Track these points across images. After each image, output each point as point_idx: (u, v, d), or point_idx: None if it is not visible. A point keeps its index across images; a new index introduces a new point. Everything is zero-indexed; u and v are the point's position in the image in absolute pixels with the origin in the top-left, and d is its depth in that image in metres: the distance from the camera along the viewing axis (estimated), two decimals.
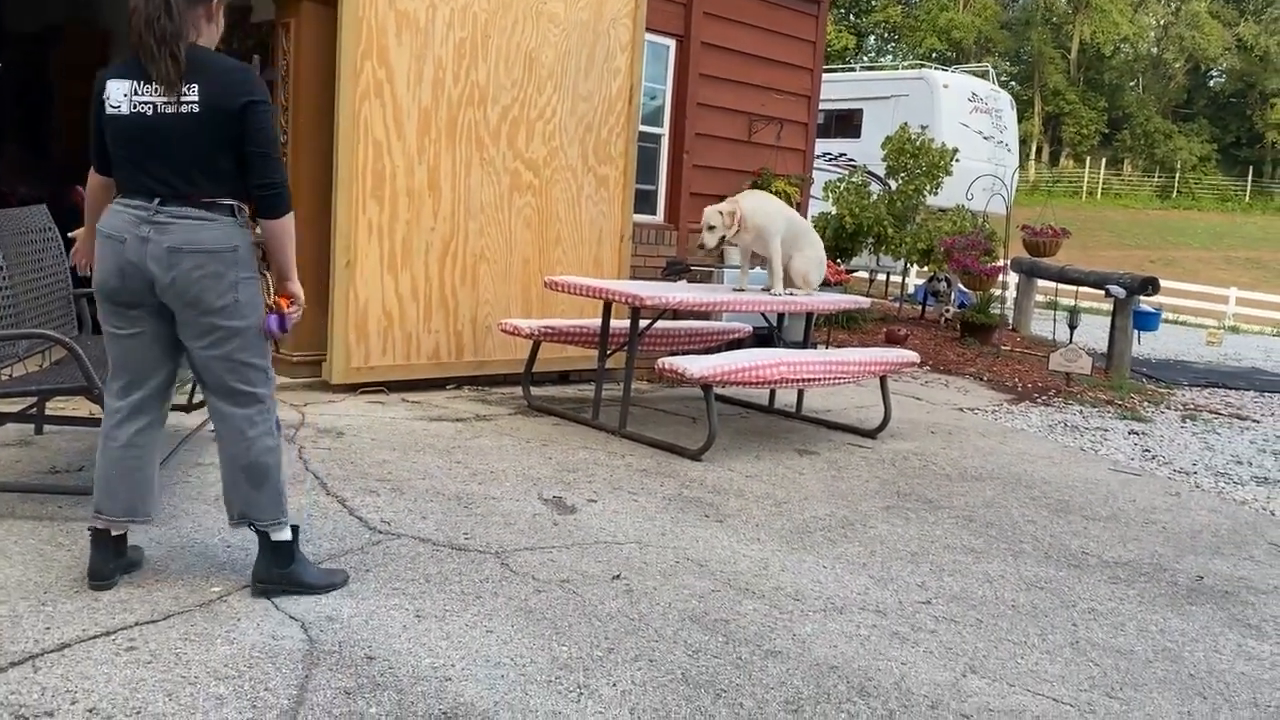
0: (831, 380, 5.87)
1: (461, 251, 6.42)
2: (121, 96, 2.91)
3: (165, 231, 2.91)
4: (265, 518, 3.12)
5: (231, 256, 2.97)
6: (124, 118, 2.92)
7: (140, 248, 2.91)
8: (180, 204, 2.92)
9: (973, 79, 17.60)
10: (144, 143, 2.92)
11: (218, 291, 2.95)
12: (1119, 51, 47.21)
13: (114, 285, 2.98)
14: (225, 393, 3.07)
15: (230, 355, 3.03)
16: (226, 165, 2.95)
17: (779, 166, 8.72)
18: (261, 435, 3.10)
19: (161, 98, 2.87)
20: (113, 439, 3.09)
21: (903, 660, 3.15)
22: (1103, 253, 29.77)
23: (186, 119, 2.88)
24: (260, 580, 3.15)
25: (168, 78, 2.85)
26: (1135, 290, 10.12)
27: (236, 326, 3.01)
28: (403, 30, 5.94)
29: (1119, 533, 4.78)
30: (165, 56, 2.85)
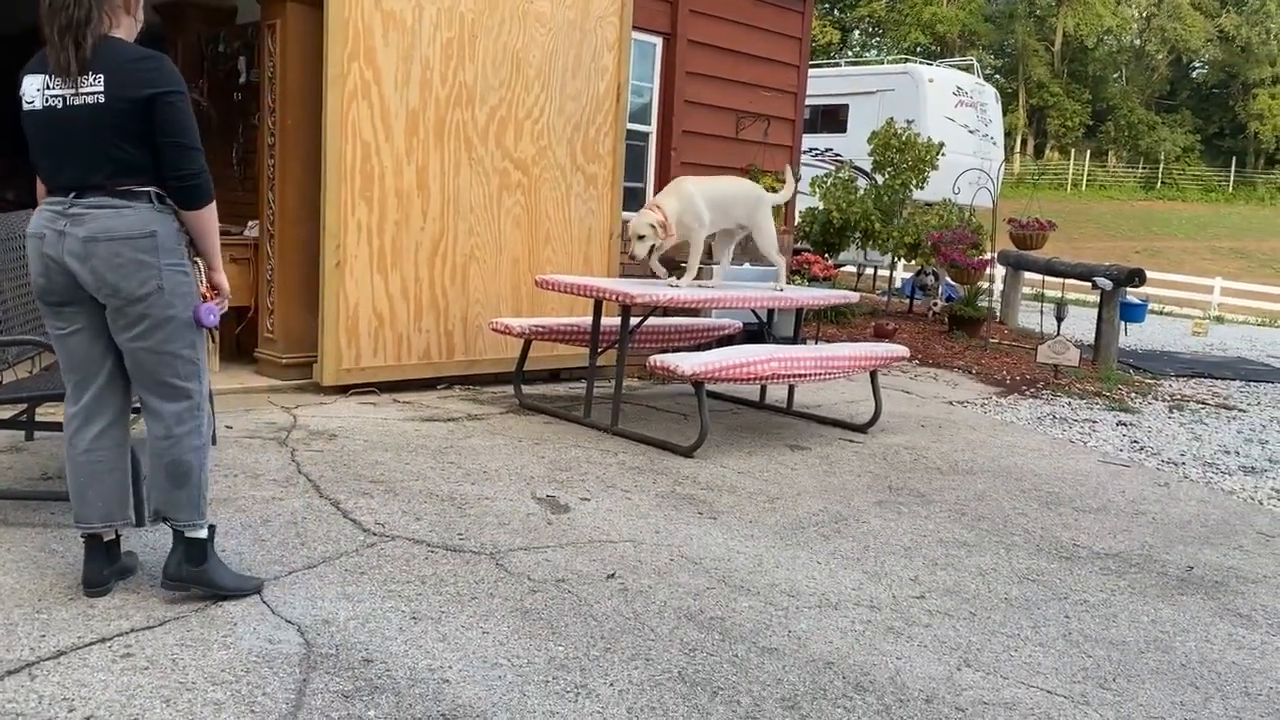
0: (822, 375, 5.89)
1: (451, 251, 6.42)
2: (35, 92, 2.87)
3: (80, 223, 2.85)
4: (182, 517, 3.06)
5: (149, 243, 2.89)
6: (38, 113, 2.88)
7: (58, 242, 2.87)
8: (97, 194, 2.86)
9: (957, 73, 17.65)
10: (57, 136, 2.87)
11: (139, 279, 2.88)
12: (1102, 43, 47.39)
13: (42, 284, 2.94)
14: (154, 386, 3.01)
15: (158, 347, 2.96)
16: (139, 155, 2.88)
17: (766, 163, 8.73)
18: (188, 434, 3.04)
19: (69, 90, 2.82)
20: (74, 446, 3.06)
21: (898, 655, 3.17)
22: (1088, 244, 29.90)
23: (93, 110, 2.82)
24: (170, 578, 3.09)
25: (68, 68, 2.80)
26: (1121, 282, 10.17)
27: (162, 316, 2.94)
28: (389, 31, 5.92)
29: (1109, 524, 4.81)
30: (69, 45, 2.80)
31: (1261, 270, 30.14)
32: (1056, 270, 11.36)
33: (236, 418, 5.32)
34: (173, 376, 3.00)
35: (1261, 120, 43.65)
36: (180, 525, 3.06)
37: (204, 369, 3.11)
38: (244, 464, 4.54)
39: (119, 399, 3.10)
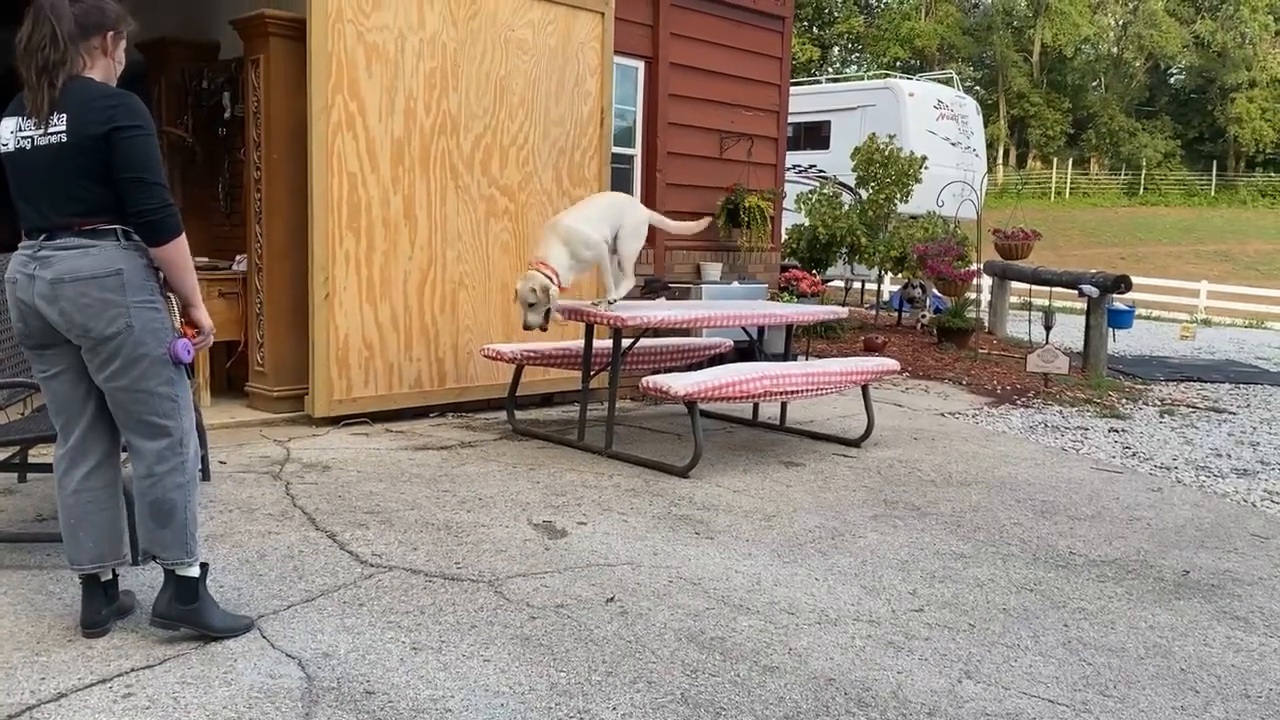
0: (814, 391, 5.91)
1: (440, 279, 6.43)
2: (9, 134, 2.90)
3: (48, 265, 2.85)
4: (169, 556, 3.04)
5: (115, 281, 2.87)
6: (11, 155, 2.90)
7: (29, 286, 2.88)
8: (65, 235, 2.86)
9: (938, 86, 17.80)
10: (27, 178, 2.89)
11: (107, 319, 2.87)
12: (1080, 52, 47.80)
13: (20, 329, 2.96)
14: (135, 426, 2.99)
15: (133, 385, 2.94)
16: (104, 193, 2.86)
17: (751, 181, 8.79)
18: (170, 472, 3.02)
19: (37, 131, 2.84)
20: (63, 487, 3.05)
21: (898, 669, 3.18)
22: (1074, 252, 30.07)
23: (56, 149, 2.83)
24: (159, 615, 3.06)
25: (41, 109, 2.82)
26: (1108, 289, 10.23)
27: (134, 354, 2.92)
28: (372, 63, 5.96)
29: (1104, 531, 4.83)
30: (44, 86, 2.82)
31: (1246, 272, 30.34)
32: (1043, 279, 11.42)
33: (230, 452, 5.32)
34: (151, 415, 2.98)
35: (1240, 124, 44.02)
36: (169, 564, 3.05)
37: (185, 406, 3.08)
38: (239, 499, 4.53)
39: (106, 439, 3.09)
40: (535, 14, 6.76)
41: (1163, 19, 45.34)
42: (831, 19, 47.32)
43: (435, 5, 6.22)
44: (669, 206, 8.29)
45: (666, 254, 8.32)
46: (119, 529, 3.12)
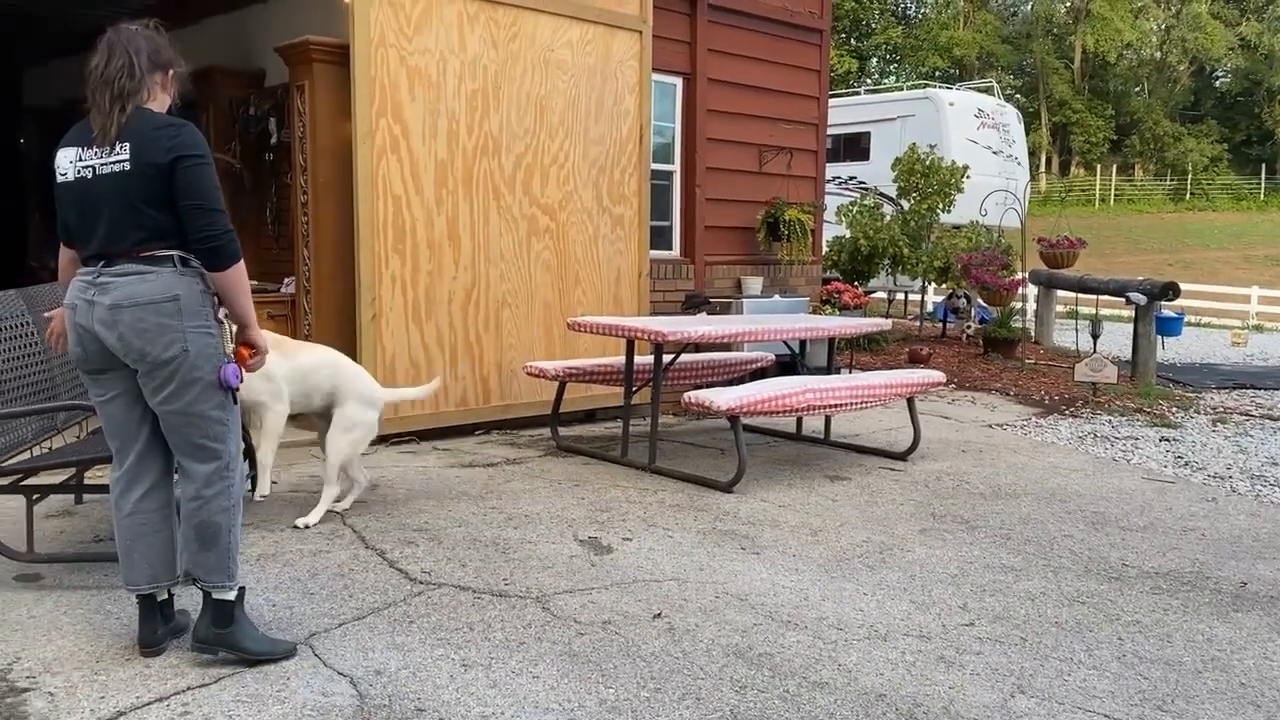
0: (858, 404, 5.89)
1: (484, 299, 6.49)
2: (68, 164, 2.98)
3: (106, 291, 2.92)
4: (211, 579, 3.07)
5: (172, 306, 2.94)
6: (71, 184, 2.98)
7: (89, 311, 2.94)
8: (123, 262, 2.93)
9: (978, 95, 17.67)
10: (88, 205, 2.95)
11: (163, 343, 2.93)
12: (1122, 58, 47.24)
13: (78, 353, 3.02)
14: (187, 448, 3.05)
15: (186, 409, 3.00)
16: (164, 219, 2.93)
17: (791, 195, 8.77)
18: (218, 495, 3.07)
19: (99, 160, 2.92)
20: (119, 509, 3.11)
21: (950, 684, 3.15)
22: (1120, 259, 29.65)
23: (119, 177, 2.90)
24: (199, 640, 3.10)
25: (109, 136, 2.90)
26: (1156, 296, 10.08)
27: (189, 378, 2.97)
28: (415, 86, 6.04)
29: (1158, 542, 4.75)
30: (114, 113, 2.91)
31: None
32: (1089, 287, 11.28)
33: (280, 472, 5.38)
34: (202, 438, 3.04)
35: None
36: (208, 586, 3.08)
37: (235, 429, 3.14)
38: (288, 519, 4.59)
39: (160, 462, 3.15)
40: (574, 34, 6.82)
41: (1207, 22, 44.68)
42: (869, 30, 47.15)
43: (476, 28, 6.30)
44: (709, 222, 8.32)
45: (706, 269, 8.33)
46: (173, 550, 3.18)
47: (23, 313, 4.04)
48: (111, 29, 3.04)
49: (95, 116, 2.94)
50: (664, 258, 8.00)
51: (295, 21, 6.65)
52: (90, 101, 2.96)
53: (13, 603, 3.52)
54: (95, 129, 2.93)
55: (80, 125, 3.03)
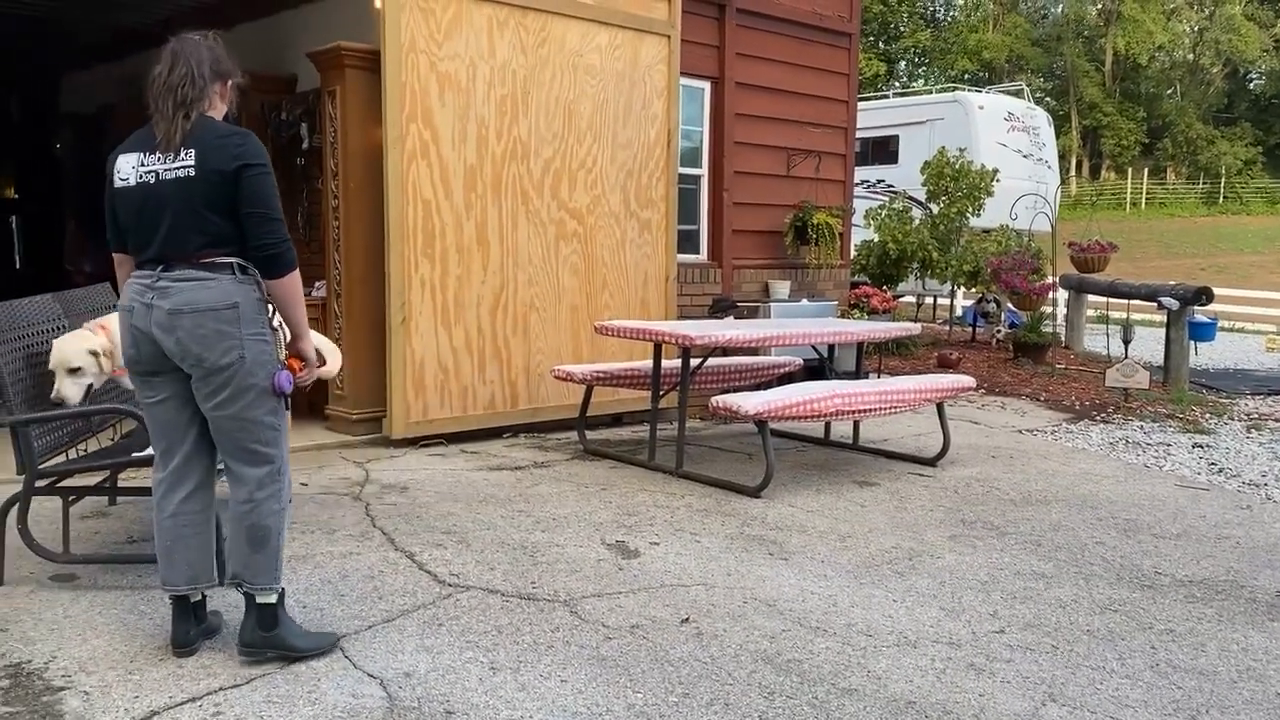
0: (887, 410, 5.86)
1: (512, 302, 6.52)
2: (130, 169, 3.02)
3: (166, 295, 2.97)
4: (258, 582, 3.10)
5: (232, 314, 2.99)
6: (131, 189, 3.02)
7: (146, 315, 2.99)
8: (182, 267, 2.98)
9: (1008, 98, 17.55)
10: (148, 210, 2.99)
11: (221, 349, 2.98)
12: (1154, 60, 46.78)
13: (131, 355, 3.06)
14: (238, 452, 3.09)
15: (240, 414, 3.04)
16: (225, 226, 2.99)
17: (819, 198, 8.75)
18: (268, 499, 3.11)
19: (162, 165, 2.97)
20: (162, 509, 3.15)
21: (980, 692, 3.13)
22: (1151, 263, 29.34)
23: (184, 183, 2.95)
24: (246, 644, 3.12)
25: (173, 142, 2.96)
26: (1188, 301, 9.97)
27: (244, 384, 3.02)
28: (445, 91, 6.08)
29: (1191, 550, 4.70)
30: (177, 119, 2.97)
31: None
32: (1120, 292, 11.18)
33: (311, 474, 5.43)
34: (254, 443, 3.08)
35: None
36: (255, 589, 3.11)
37: (285, 434, 3.18)
38: (320, 520, 4.62)
39: (205, 464, 3.19)
40: (603, 39, 6.84)
41: (1241, 23, 44.17)
42: (898, 33, 46.96)
43: (505, 33, 6.33)
44: (736, 226, 8.31)
45: (734, 272, 8.32)
46: (212, 552, 3.21)
47: (59, 316, 4.09)
48: (175, 39, 3.10)
49: (159, 123, 2.99)
50: (691, 261, 7.99)
51: (327, 27, 6.70)
52: (153, 109, 3.02)
53: (49, 602, 3.56)
54: (159, 135, 2.98)
55: (140, 132, 3.09)
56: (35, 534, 3.78)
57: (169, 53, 3.06)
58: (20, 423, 3.57)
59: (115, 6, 8.34)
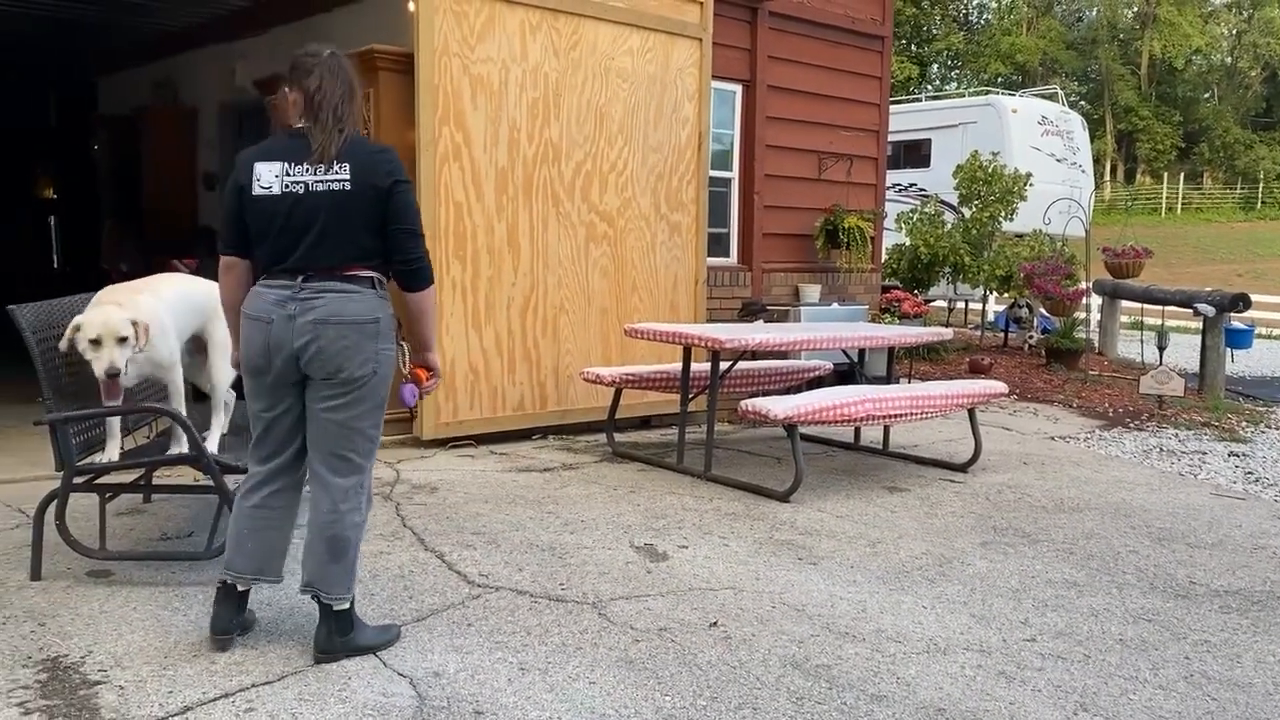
0: (918, 415, 5.82)
1: (542, 304, 6.54)
2: (273, 178, 3.05)
3: (311, 307, 3.01)
4: (334, 592, 3.13)
5: (373, 329, 3.07)
6: (274, 198, 3.04)
7: (287, 325, 3.02)
8: (324, 279, 3.03)
9: (1042, 102, 17.41)
10: (295, 220, 3.03)
11: (359, 361, 3.05)
12: (1191, 63, 46.22)
13: (260, 364, 3.08)
14: (331, 458, 3.12)
15: (349, 422, 3.10)
16: (370, 240, 3.07)
17: (850, 202, 8.71)
18: (351, 510, 3.14)
19: (313, 176, 3.02)
20: (247, 499, 3.21)
21: (1010, 700, 3.10)
22: (1187, 269, 29.00)
23: (338, 196, 3.02)
24: (322, 651, 3.15)
25: (330, 156, 3.02)
26: (1225, 307, 9.85)
27: (366, 395, 3.09)
28: (478, 94, 6.11)
29: (1227, 560, 4.64)
30: (334, 133, 3.03)
31: None
32: (1155, 298, 11.05)
33: None
34: (351, 451, 3.13)
35: None
36: (331, 599, 3.13)
37: (376, 447, 3.22)
38: None
39: (300, 466, 3.25)
40: (634, 42, 6.85)
41: None
42: (930, 36, 46.69)
43: (538, 37, 6.36)
44: (767, 229, 8.29)
45: (764, 276, 8.30)
46: (283, 550, 3.27)
47: None
48: (327, 54, 3.14)
49: (315, 135, 3.04)
50: (721, 265, 7.99)
51: (360, 30, 6.76)
52: (309, 121, 3.07)
53: (85, 597, 3.61)
54: (314, 147, 3.03)
55: (279, 141, 3.14)
56: (72, 530, 3.83)
57: (324, 67, 3.10)
58: (59, 420, 3.62)
59: (152, 10, 8.46)
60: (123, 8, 8.26)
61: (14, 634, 3.29)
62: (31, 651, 3.17)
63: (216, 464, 3.73)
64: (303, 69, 3.10)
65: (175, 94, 9.77)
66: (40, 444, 4.94)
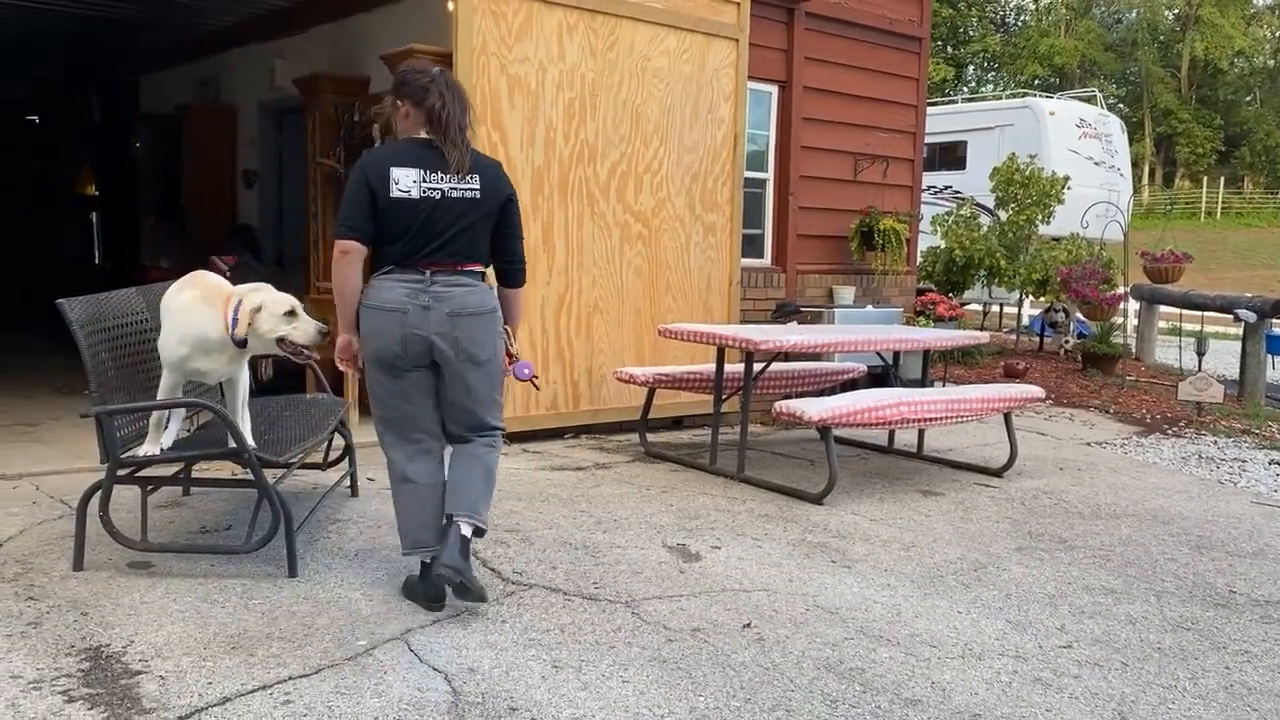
0: (953, 418, 5.78)
1: (576, 304, 6.55)
2: (411, 183, 3.41)
3: (442, 300, 3.43)
4: (481, 512, 3.54)
5: (492, 317, 3.56)
6: (413, 201, 3.40)
7: (422, 316, 3.40)
8: (448, 274, 3.44)
9: (1080, 104, 17.22)
10: (434, 222, 3.41)
11: (484, 347, 3.52)
12: (1233, 66, 45.57)
13: (396, 352, 3.43)
14: (477, 427, 3.60)
15: (485, 398, 3.59)
16: (485, 242, 3.55)
17: (885, 204, 8.67)
18: (495, 452, 3.69)
19: (449, 185, 3.44)
20: (414, 482, 3.55)
21: (1047, 707, 3.08)
22: (1227, 274, 28.60)
23: (469, 203, 3.46)
24: (449, 566, 3.40)
25: (463, 167, 3.44)
26: (1266, 313, 9.70)
27: (492, 372, 3.58)
28: (515, 94, 6.13)
29: (1267, 569, 4.57)
30: (463, 147, 3.46)
31: None
32: (1194, 303, 10.92)
33: (377, 470, 5.49)
34: (490, 417, 3.64)
35: None
36: (476, 520, 3.51)
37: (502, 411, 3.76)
38: (386, 515, 4.69)
39: (441, 442, 3.65)
40: (671, 42, 6.85)
41: None
42: (967, 38, 46.35)
43: (575, 37, 6.38)
44: (801, 230, 8.27)
45: (798, 277, 8.28)
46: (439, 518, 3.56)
47: (141, 310, 4.21)
48: (440, 73, 3.52)
49: (449, 149, 3.44)
50: (755, 266, 7.97)
51: (399, 30, 6.81)
52: (436, 134, 3.45)
53: (127, 588, 3.66)
54: (451, 160, 3.43)
55: (410, 149, 3.46)
56: (114, 522, 3.89)
57: (447, 85, 3.48)
58: (105, 413, 3.68)
59: (195, 10, 8.56)
60: (167, 7, 8.37)
61: (57, 623, 3.35)
62: (74, 641, 3.22)
63: (257, 458, 3.77)
64: (416, 86, 3.46)
65: (216, 92, 9.88)
66: (80, 436, 5.02)
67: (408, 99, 3.48)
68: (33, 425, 6.22)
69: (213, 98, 9.91)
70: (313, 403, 4.92)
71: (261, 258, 8.88)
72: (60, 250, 11.88)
